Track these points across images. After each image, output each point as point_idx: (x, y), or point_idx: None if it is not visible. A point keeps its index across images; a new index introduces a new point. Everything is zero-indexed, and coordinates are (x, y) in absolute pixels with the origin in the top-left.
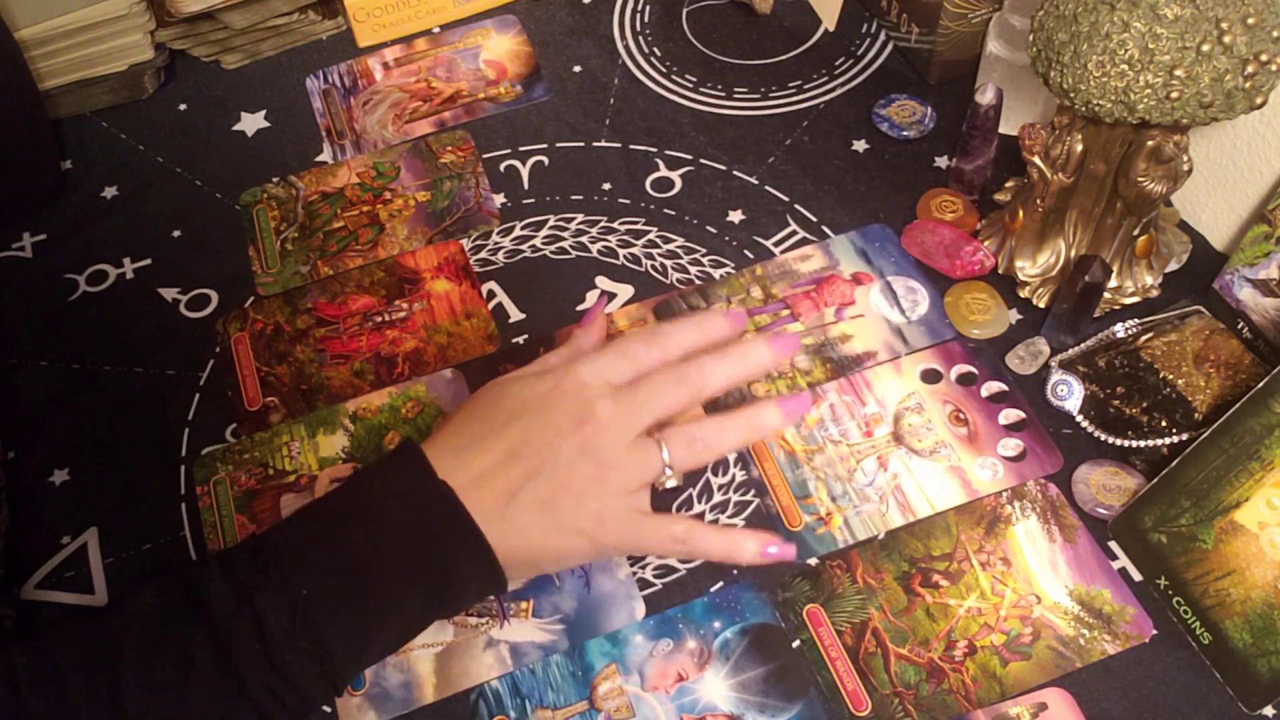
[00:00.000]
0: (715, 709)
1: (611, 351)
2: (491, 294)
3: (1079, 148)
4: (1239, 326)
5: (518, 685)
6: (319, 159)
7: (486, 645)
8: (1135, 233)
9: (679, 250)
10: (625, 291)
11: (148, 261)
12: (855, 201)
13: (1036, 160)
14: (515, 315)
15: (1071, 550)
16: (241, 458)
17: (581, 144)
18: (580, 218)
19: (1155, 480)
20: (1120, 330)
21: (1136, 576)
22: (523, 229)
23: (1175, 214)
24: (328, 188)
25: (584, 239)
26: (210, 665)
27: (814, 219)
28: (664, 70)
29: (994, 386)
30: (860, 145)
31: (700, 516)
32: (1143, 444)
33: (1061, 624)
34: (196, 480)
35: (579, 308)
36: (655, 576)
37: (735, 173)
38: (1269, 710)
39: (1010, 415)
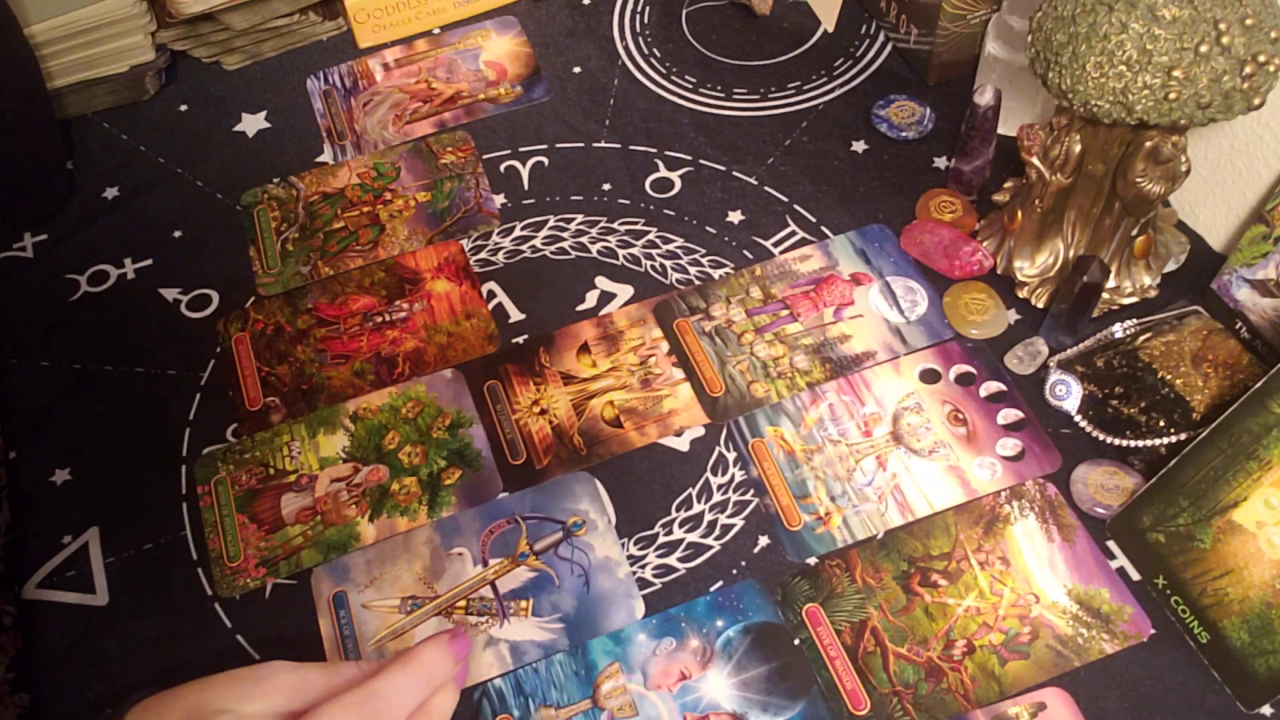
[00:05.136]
0: (718, 707)
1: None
2: (491, 294)
3: (1077, 148)
4: (1237, 326)
5: (521, 684)
6: (319, 160)
7: (486, 644)
8: (1133, 233)
9: (678, 250)
10: (625, 292)
11: (149, 262)
12: (854, 202)
13: (1035, 161)
14: (515, 315)
15: (1070, 550)
16: (242, 457)
17: (581, 145)
18: (580, 218)
19: (1153, 480)
20: (1118, 330)
21: (1135, 576)
22: (523, 229)
23: (1173, 214)
24: (328, 188)
25: (584, 239)
26: None
27: (813, 219)
28: (664, 71)
29: (992, 386)
30: (859, 146)
31: (700, 516)
32: (1141, 444)
33: (1060, 623)
34: (197, 480)
35: (579, 308)
36: (655, 576)
37: (734, 173)
38: (1267, 709)
39: (1009, 415)
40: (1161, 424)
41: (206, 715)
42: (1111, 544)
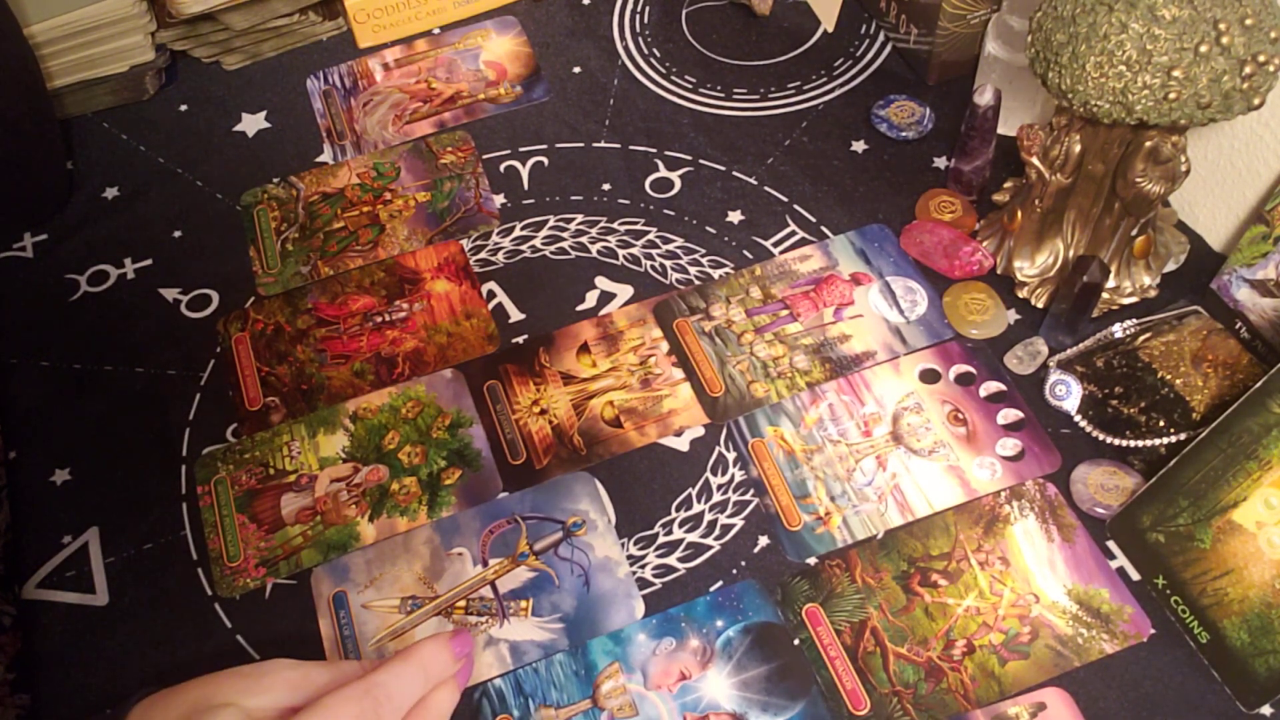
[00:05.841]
0: (718, 707)
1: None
2: (491, 294)
3: (1077, 148)
4: (1236, 326)
5: (521, 684)
6: (319, 159)
7: (486, 644)
8: (1133, 233)
9: (678, 250)
10: (625, 292)
11: (149, 262)
12: (854, 202)
13: (1035, 161)
14: (515, 315)
15: (1070, 550)
16: (242, 457)
17: (581, 145)
18: (580, 218)
19: (1153, 480)
20: (1118, 330)
21: (1135, 576)
22: (523, 229)
23: (1173, 214)
24: (328, 188)
25: (584, 239)
26: None
27: (813, 219)
28: (663, 71)
29: (992, 386)
30: (859, 146)
31: (699, 516)
32: (1141, 444)
33: (1060, 623)
34: (197, 480)
35: (579, 308)
36: (655, 576)
37: (734, 173)
38: (1266, 709)
39: (1009, 415)
40: (1161, 424)
41: (210, 709)
42: (1111, 544)
